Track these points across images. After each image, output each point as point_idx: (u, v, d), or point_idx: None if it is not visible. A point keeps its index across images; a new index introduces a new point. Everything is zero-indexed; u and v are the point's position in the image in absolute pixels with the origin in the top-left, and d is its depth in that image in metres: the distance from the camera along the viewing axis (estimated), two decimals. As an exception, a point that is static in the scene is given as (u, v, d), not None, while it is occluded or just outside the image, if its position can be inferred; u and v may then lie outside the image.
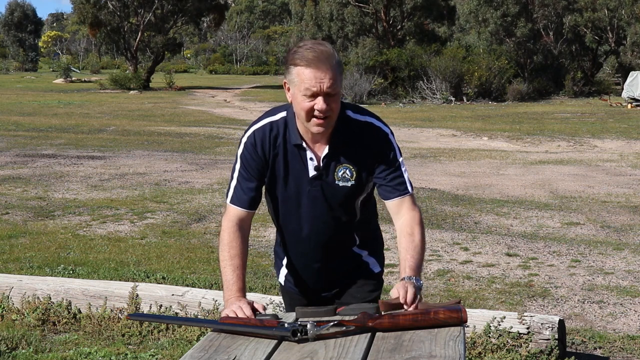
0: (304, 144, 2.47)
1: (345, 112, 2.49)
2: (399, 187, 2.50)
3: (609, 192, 10.18)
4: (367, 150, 2.49)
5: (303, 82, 2.36)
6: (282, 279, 2.78)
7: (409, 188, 2.52)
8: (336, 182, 2.49)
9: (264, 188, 2.58)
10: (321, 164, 2.48)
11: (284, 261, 2.73)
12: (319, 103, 2.36)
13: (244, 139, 2.52)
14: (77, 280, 5.33)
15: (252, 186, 2.52)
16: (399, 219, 2.50)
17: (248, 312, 2.27)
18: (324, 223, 2.55)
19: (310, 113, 2.38)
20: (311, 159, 2.48)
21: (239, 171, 2.53)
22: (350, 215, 2.57)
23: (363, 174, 2.50)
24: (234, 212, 2.53)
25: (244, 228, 2.52)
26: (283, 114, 2.51)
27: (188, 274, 6.22)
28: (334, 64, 2.37)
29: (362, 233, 2.65)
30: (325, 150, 2.47)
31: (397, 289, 2.26)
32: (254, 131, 2.51)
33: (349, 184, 2.49)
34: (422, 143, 16.71)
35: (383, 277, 2.80)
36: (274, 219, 2.67)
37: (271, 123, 2.50)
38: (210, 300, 4.68)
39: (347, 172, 2.49)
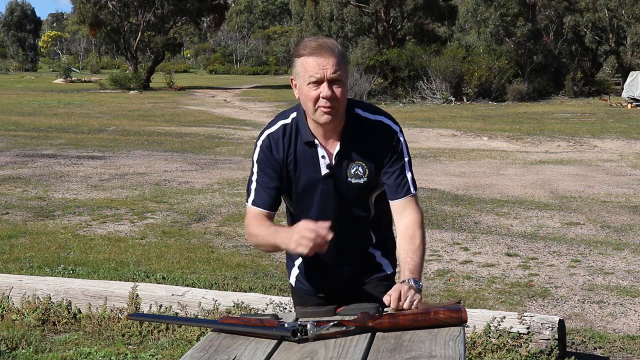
0: (315, 141, 2.48)
1: (355, 110, 2.51)
2: (403, 188, 2.51)
3: (609, 192, 10.18)
4: (377, 148, 2.50)
5: (307, 71, 2.38)
6: (293, 279, 2.77)
7: (412, 189, 2.52)
8: (349, 179, 2.50)
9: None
10: (333, 162, 2.49)
11: (297, 261, 2.73)
12: (324, 90, 2.37)
13: (259, 143, 2.54)
14: (77, 280, 5.33)
15: (271, 187, 2.53)
16: (400, 220, 2.51)
17: (312, 225, 2.26)
18: (339, 220, 2.54)
19: (316, 102, 2.39)
20: (323, 156, 2.49)
21: (258, 174, 2.54)
22: (364, 211, 2.58)
23: (374, 171, 2.51)
24: (254, 212, 2.54)
25: (266, 222, 2.54)
26: (294, 114, 2.53)
27: (188, 274, 6.22)
28: (338, 53, 2.40)
29: (378, 232, 2.65)
30: (337, 147, 2.48)
31: (390, 293, 2.24)
32: (268, 135, 2.53)
33: (362, 181, 2.50)
34: (422, 143, 16.71)
35: (395, 279, 2.80)
36: (288, 218, 2.69)
37: (284, 125, 2.52)
38: (210, 300, 4.68)
39: (360, 169, 2.50)
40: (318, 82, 2.37)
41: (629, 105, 27.71)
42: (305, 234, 2.26)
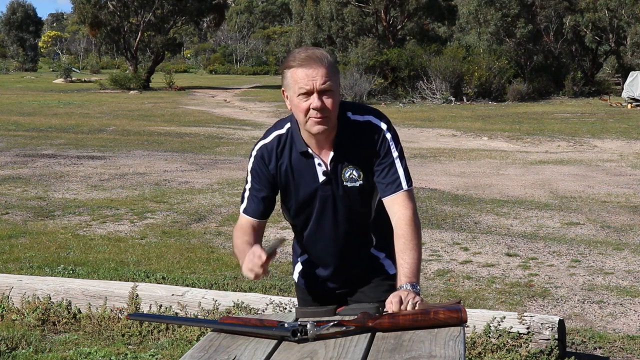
0: (309, 151, 2.50)
1: (346, 114, 2.51)
2: (393, 184, 2.49)
3: (609, 192, 10.18)
4: (368, 148, 2.50)
5: (297, 82, 2.39)
6: (296, 275, 2.82)
7: (404, 184, 2.49)
8: (344, 183, 2.51)
9: (277, 196, 2.64)
10: (329, 168, 2.50)
11: (300, 259, 2.77)
12: (314, 101, 2.38)
13: (254, 153, 2.58)
14: (77, 280, 5.33)
15: (263, 197, 2.57)
16: (392, 217, 2.49)
17: (258, 252, 2.31)
18: (338, 225, 2.58)
19: (306, 113, 2.40)
20: (319, 164, 2.51)
21: (251, 183, 2.59)
22: (364, 214, 2.59)
23: (369, 173, 2.52)
24: (245, 220, 2.60)
25: (255, 230, 2.58)
26: (288, 124, 2.55)
27: (188, 274, 6.22)
28: (327, 63, 2.40)
29: (379, 233, 2.65)
30: (331, 154, 2.50)
31: (390, 301, 2.24)
32: (262, 146, 2.56)
33: (357, 184, 2.51)
34: (422, 143, 16.71)
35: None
36: (290, 223, 2.72)
37: (279, 136, 2.55)
38: (210, 300, 4.68)
39: (354, 172, 2.51)
40: (308, 94, 2.38)
41: (629, 105, 27.70)
42: (249, 260, 2.33)
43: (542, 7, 36.09)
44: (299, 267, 2.79)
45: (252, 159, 2.58)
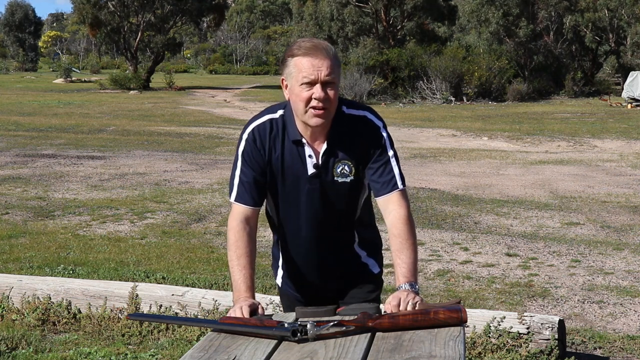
0: (303, 140, 2.45)
1: (341, 108, 2.47)
2: (389, 183, 2.46)
3: (609, 192, 10.17)
4: (362, 144, 2.47)
5: (301, 71, 2.35)
6: (279, 280, 2.75)
7: (399, 184, 2.47)
8: (335, 178, 2.47)
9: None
10: (320, 161, 2.46)
11: (281, 262, 2.71)
12: (317, 91, 2.35)
13: (245, 135, 2.49)
14: (77, 280, 5.33)
15: (255, 182, 2.48)
16: (386, 217, 2.47)
17: (246, 313, 2.26)
18: (323, 220, 2.53)
19: (308, 103, 2.36)
20: (310, 156, 2.46)
21: (241, 168, 2.49)
22: (350, 211, 2.56)
23: (360, 169, 2.48)
24: (239, 210, 2.50)
25: (250, 226, 2.49)
26: (281, 111, 2.49)
27: (188, 274, 6.22)
28: (332, 55, 2.37)
29: (362, 231, 2.63)
30: (324, 146, 2.45)
31: (390, 302, 2.24)
32: (254, 127, 2.48)
33: (348, 179, 2.47)
34: (422, 143, 16.71)
35: (383, 277, 2.79)
36: (272, 218, 2.65)
37: (271, 120, 2.48)
38: (210, 300, 4.68)
39: (346, 168, 2.47)
40: (311, 84, 2.35)
41: (629, 105, 27.70)
42: (234, 315, 2.27)
43: (545, 6, 36.04)
44: (281, 271, 2.72)
45: (243, 142, 2.48)
